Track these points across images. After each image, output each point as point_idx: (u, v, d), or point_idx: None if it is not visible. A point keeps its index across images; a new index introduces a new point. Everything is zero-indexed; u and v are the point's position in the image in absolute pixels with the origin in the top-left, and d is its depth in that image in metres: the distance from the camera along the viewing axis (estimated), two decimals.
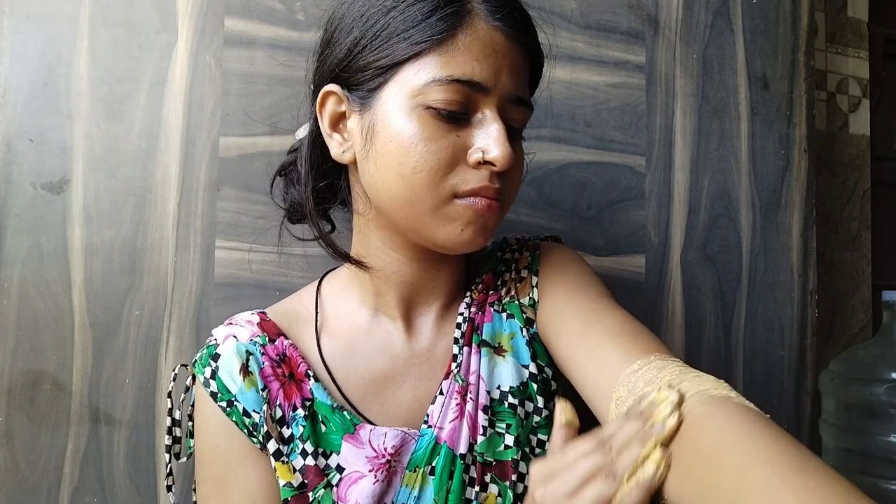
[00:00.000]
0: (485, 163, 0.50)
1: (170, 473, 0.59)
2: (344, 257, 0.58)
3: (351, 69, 0.52)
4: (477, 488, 0.54)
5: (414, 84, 0.49)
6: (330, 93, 0.54)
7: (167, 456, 0.58)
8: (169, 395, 0.60)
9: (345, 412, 0.55)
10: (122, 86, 0.74)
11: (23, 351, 0.71)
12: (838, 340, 1.07)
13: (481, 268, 0.64)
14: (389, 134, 0.50)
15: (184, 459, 0.59)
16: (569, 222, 0.84)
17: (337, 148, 0.55)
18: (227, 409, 0.53)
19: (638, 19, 0.87)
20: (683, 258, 0.87)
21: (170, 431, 0.58)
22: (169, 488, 0.59)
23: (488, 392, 0.56)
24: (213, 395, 0.54)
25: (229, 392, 0.53)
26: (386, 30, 0.50)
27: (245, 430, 0.53)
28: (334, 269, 0.65)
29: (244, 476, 0.54)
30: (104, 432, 0.72)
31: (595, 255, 0.84)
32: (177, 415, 0.59)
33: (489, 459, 0.55)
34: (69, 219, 0.72)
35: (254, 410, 0.53)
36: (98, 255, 0.72)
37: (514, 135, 0.53)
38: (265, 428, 0.53)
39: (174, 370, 0.60)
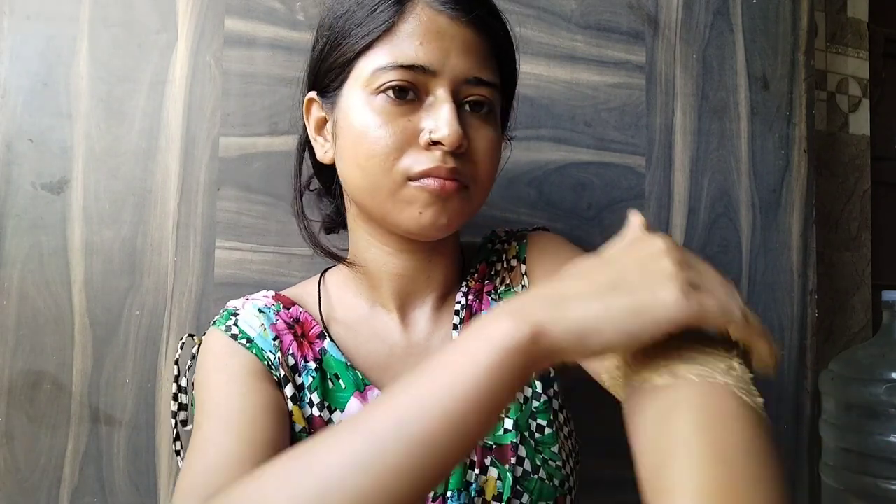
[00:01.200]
0: (434, 143, 0.50)
1: (177, 438, 0.60)
2: (332, 256, 0.61)
3: (321, 74, 0.56)
4: (477, 471, 0.54)
5: (364, 75, 0.51)
6: (311, 100, 0.58)
7: (173, 422, 0.60)
8: (176, 363, 0.61)
9: (357, 371, 0.57)
10: (122, 86, 0.74)
11: (23, 351, 0.71)
12: (838, 340, 1.07)
13: (475, 259, 0.65)
14: (347, 126, 0.53)
15: (189, 427, 0.59)
16: (569, 222, 0.84)
17: (319, 149, 0.58)
18: (247, 344, 0.54)
19: (638, 19, 0.87)
20: None
21: (175, 398, 0.60)
22: (177, 452, 0.61)
23: None
24: (234, 337, 0.55)
25: (248, 335, 0.55)
26: (342, 31, 0.53)
27: (265, 362, 0.54)
28: (334, 265, 0.66)
29: (251, 389, 0.51)
30: (104, 432, 0.72)
31: None
32: (183, 382, 0.61)
33: (489, 443, 0.55)
34: (69, 219, 0.72)
35: (270, 352, 0.55)
36: (98, 255, 0.72)
37: (481, 118, 0.54)
38: (283, 371, 0.54)
39: (182, 339, 0.61)
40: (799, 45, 0.93)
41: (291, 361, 0.56)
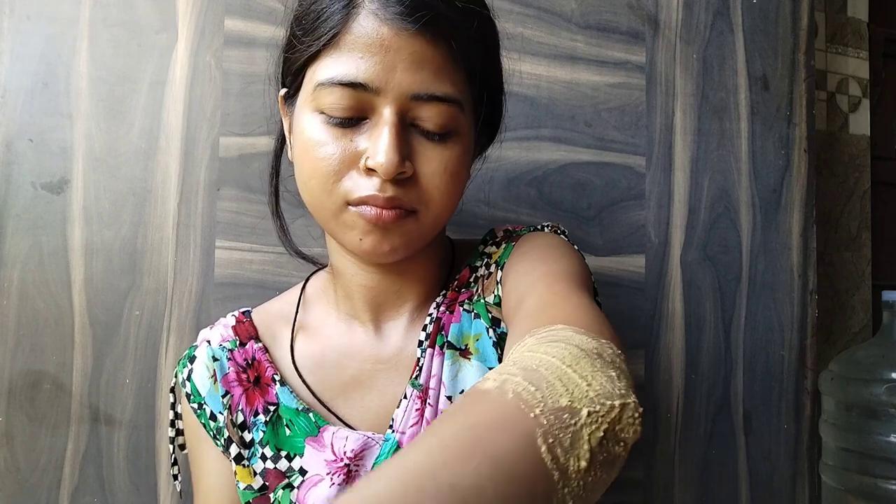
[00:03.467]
0: (371, 170, 0.47)
1: (175, 463, 0.61)
2: (305, 259, 0.61)
3: (283, 75, 0.54)
4: None
5: (310, 88, 0.49)
6: (282, 97, 0.56)
7: (171, 447, 0.61)
8: (172, 390, 0.61)
9: (310, 414, 0.55)
10: (122, 86, 0.74)
11: (23, 351, 0.71)
12: (838, 340, 1.07)
13: (463, 264, 0.61)
14: (296, 137, 0.51)
15: (187, 451, 0.61)
16: (569, 222, 0.83)
17: (290, 149, 0.56)
18: (198, 410, 0.57)
19: (638, 19, 0.87)
20: (683, 258, 0.87)
21: (172, 424, 0.61)
22: (175, 476, 0.61)
23: (449, 397, 0.53)
24: (188, 396, 0.57)
25: (200, 395, 0.56)
26: (294, 35, 0.50)
27: (211, 433, 0.56)
28: (320, 269, 0.66)
29: (206, 474, 0.58)
30: (104, 432, 0.72)
31: (595, 255, 0.84)
32: (179, 408, 0.61)
33: None
34: (69, 219, 0.72)
35: (219, 412, 0.56)
36: (98, 255, 0.72)
37: (435, 138, 0.48)
38: (227, 433, 0.55)
39: (176, 367, 0.61)
40: (799, 45, 0.93)
41: (240, 418, 0.55)
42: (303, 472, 0.54)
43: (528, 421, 0.30)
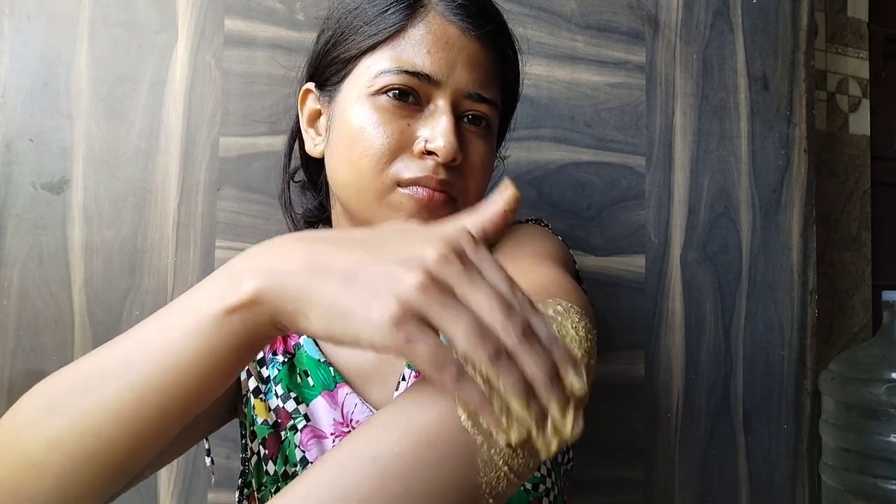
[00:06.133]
0: (429, 153, 0.50)
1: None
2: None
3: (322, 66, 0.55)
4: None
5: (368, 75, 0.51)
6: (308, 90, 0.57)
7: None
8: None
9: (330, 368, 0.57)
10: (122, 86, 0.74)
11: (23, 351, 0.71)
12: (838, 340, 1.07)
13: None
14: (342, 122, 0.52)
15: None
16: (569, 222, 0.84)
17: (310, 142, 0.58)
18: None
19: (638, 19, 0.87)
20: (683, 258, 0.87)
21: None
22: (207, 452, 0.62)
23: None
24: None
25: None
26: (349, 26, 0.53)
27: None
28: None
29: None
30: None
31: (595, 255, 0.84)
32: None
33: None
34: (69, 219, 0.72)
35: None
36: (98, 255, 0.72)
37: (478, 133, 0.53)
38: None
39: None
40: (799, 45, 0.93)
41: (259, 354, 0.58)
42: (307, 418, 0.56)
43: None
